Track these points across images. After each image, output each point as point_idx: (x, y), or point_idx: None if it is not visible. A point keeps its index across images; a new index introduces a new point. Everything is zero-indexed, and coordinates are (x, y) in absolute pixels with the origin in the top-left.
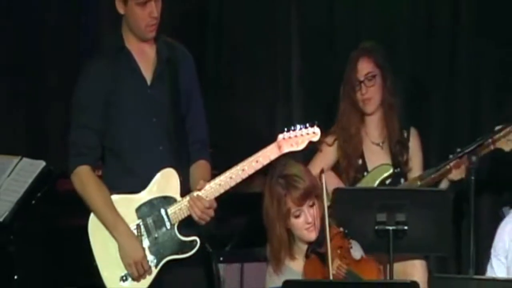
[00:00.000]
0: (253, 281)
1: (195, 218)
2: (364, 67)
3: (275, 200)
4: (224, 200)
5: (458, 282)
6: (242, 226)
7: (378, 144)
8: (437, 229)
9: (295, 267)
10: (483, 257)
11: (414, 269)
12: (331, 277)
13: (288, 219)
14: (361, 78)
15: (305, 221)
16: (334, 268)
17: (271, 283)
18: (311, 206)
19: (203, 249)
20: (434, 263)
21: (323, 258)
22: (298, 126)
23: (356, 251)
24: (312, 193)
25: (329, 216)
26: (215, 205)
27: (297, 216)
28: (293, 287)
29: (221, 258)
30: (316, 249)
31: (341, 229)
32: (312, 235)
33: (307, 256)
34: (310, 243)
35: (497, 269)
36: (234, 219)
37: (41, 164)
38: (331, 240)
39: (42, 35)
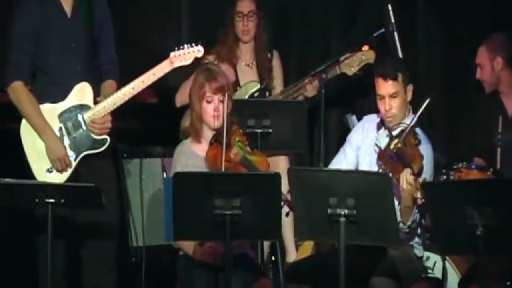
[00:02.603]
0: (149, 173)
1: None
2: (248, 5)
3: (197, 85)
4: (128, 108)
5: (310, 173)
6: (141, 128)
7: (248, 65)
8: (295, 131)
9: (200, 151)
10: (330, 154)
11: (278, 163)
12: (223, 169)
13: (202, 101)
14: (245, 13)
15: (214, 109)
16: (233, 153)
17: (177, 162)
18: (221, 101)
19: (110, 147)
20: (292, 159)
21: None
22: (185, 46)
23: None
24: (225, 89)
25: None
26: (109, 118)
27: (209, 102)
28: (182, 178)
29: (125, 155)
30: (219, 139)
31: (241, 130)
32: (216, 123)
33: (211, 144)
34: (215, 130)
35: (348, 154)
36: (134, 123)
37: None
38: (232, 133)
39: None
